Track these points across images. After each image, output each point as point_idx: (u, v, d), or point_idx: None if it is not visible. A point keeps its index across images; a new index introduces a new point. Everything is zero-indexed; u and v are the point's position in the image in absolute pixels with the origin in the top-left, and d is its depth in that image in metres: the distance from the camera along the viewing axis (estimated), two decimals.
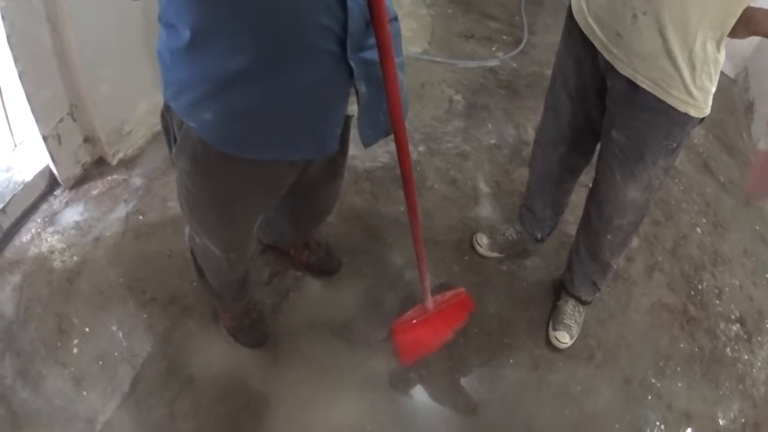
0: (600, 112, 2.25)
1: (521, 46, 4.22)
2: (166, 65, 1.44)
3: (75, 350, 2.37)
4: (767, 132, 2.26)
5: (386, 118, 1.63)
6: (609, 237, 2.49)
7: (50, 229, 2.69)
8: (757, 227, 3.59)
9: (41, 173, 2.76)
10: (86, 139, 2.81)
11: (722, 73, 4.33)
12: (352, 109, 1.56)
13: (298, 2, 1.26)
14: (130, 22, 2.48)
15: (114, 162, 2.95)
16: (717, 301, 3.13)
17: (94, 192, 2.84)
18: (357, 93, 1.50)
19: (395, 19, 1.54)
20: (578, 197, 2.63)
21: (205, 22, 1.28)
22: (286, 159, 1.61)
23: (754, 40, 2.27)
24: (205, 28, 1.29)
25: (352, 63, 1.41)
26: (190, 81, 1.40)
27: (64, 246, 2.65)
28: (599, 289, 2.75)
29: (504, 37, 4.28)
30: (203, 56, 1.33)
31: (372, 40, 1.43)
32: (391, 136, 1.68)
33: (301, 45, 1.32)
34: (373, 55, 1.45)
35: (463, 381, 2.59)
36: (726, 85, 4.43)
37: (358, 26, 1.37)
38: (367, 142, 1.64)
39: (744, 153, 4.00)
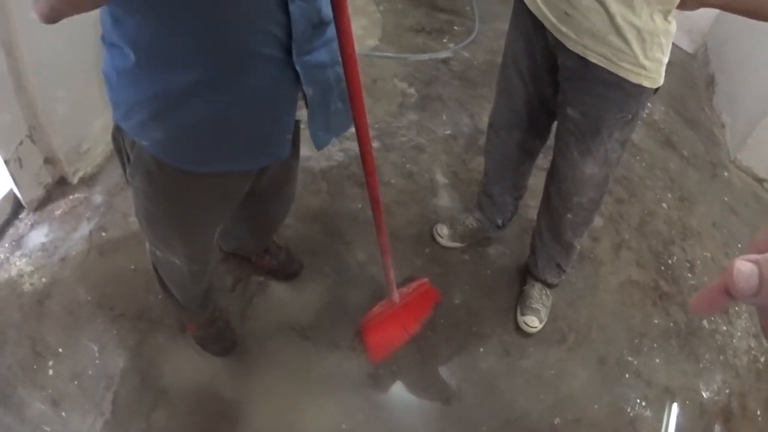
0: (553, 90, 2.25)
1: (473, 36, 4.22)
2: (113, 86, 1.44)
3: (51, 371, 2.36)
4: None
5: (337, 119, 1.64)
6: (570, 216, 2.48)
7: (18, 253, 2.68)
8: (726, 198, 3.59)
9: (5, 198, 2.75)
10: (46, 160, 2.80)
11: (681, 49, 4.41)
12: (301, 113, 1.55)
13: (239, 12, 1.25)
14: (82, 42, 2.47)
15: (75, 181, 2.94)
16: (689, 275, 3.12)
17: (58, 212, 2.84)
18: (305, 97, 1.49)
19: None
20: (538, 181, 2.62)
21: (149, 41, 1.28)
22: (239, 169, 1.62)
23: (711, 13, 2.26)
24: (149, 47, 1.29)
25: (297, 67, 1.40)
26: (139, 100, 1.39)
27: (32, 269, 2.63)
28: (564, 271, 2.74)
29: (455, 28, 4.28)
30: (149, 75, 1.34)
31: (317, 43, 1.44)
32: (344, 135, 1.68)
33: (245, 54, 1.32)
34: (319, 57, 1.46)
35: (435, 373, 2.57)
36: (685, 60, 4.44)
37: (302, 30, 1.36)
38: (319, 144, 1.64)
39: (707, 126, 4.00)
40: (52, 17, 1.14)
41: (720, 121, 4.03)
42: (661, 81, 1.99)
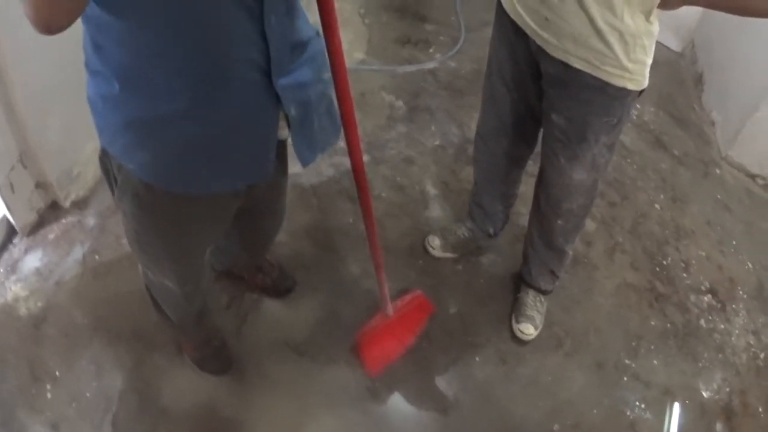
0: (538, 97, 2.25)
1: (458, 45, 4.21)
2: (98, 111, 1.45)
3: (49, 395, 2.38)
4: None
5: (322, 136, 1.65)
6: (560, 222, 2.48)
7: (13, 278, 2.69)
8: (719, 196, 3.58)
9: None
10: (38, 185, 2.81)
11: (668, 48, 4.41)
12: (283, 133, 1.57)
13: (217, 39, 1.27)
14: (71, 66, 2.39)
15: (67, 205, 2.95)
16: (684, 275, 3.11)
17: (51, 236, 2.85)
18: (287, 117, 1.51)
19: (317, 35, 1.54)
20: (529, 189, 2.61)
21: (130, 69, 1.30)
22: (225, 190, 1.63)
23: (698, 10, 2.26)
24: (130, 75, 1.30)
25: (278, 89, 1.41)
26: (123, 125, 1.41)
27: (27, 293, 2.65)
28: (558, 277, 2.73)
29: (441, 38, 4.27)
30: (133, 101, 1.35)
31: (299, 62, 1.46)
32: (334, 150, 1.68)
33: (226, 79, 1.34)
34: (300, 77, 1.47)
35: (432, 384, 2.57)
36: (673, 59, 4.43)
37: (280, 52, 1.38)
38: (304, 162, 1.65)
39: (697, 125, 3.99)
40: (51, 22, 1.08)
41: (710, 119, 4.02)
42: (645, 83, 1.98)
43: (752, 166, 3.72)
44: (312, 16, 1.44)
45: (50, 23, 1.05)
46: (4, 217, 2.76)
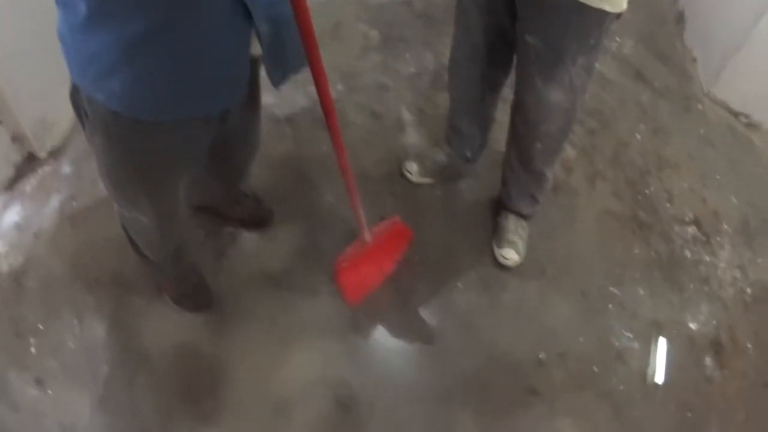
0: (511, 20, 2.20)
1: None
2: (67, 43, 1.43)
3: (33, 350, 2.39)
4: None
5: (294, 55, 1.60)
6: (539, 145, 2.45)
7: None
8: (701, 131, 3.54)
9: None
10: (14, 138, 2.80)
11: None
12: (256, 50, 1.53)
13: None
14: (41, 14, 2.37)
15: (43, 155, 2.93)
16: (668, 205, 3.09)
17: (28, 189, 2.83)
18: (258, 34, 1.48)
19: None
20: (506, 115, 2.58)
21: None
22: (200, 114, 1.59)
23: None
24: None
25: (248, 5, 1.37)
26: (93, 54, 1.38)
27: (8, 249, 2.64)
28: (538, 202, 2.71)
29: None
30: (102, 26, 1.31)
31: None
32: (303, 76, 1.67)
33: None
34: None
35: (415, 313, 2.56)
36: None
37: None
38: (275, 82, 1.64)
39: (678, 61, 3.96)
40: None
41: (691, 56, 3.99)
42: (624, 5, 1.93)
43: (735, 104, 3.69)
44: None
45: None
46: None
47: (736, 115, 3.68)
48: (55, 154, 2.96)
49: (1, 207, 2.77)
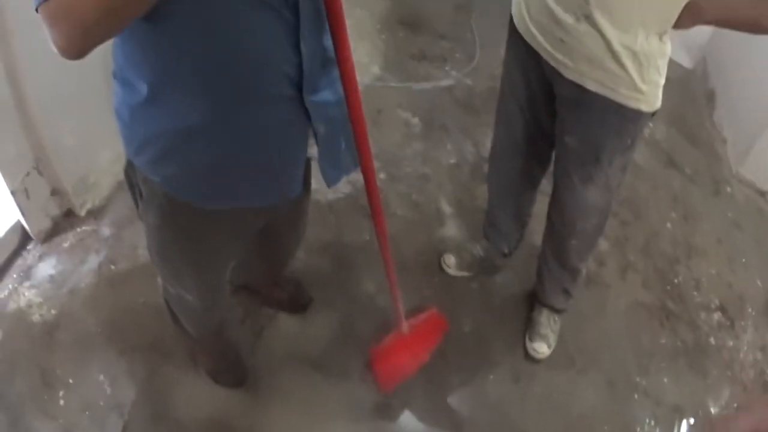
0: (551, 118, 2.25)
1: (474, 62, 4.23)
2: (125, 122, 1.44)
3: (62, 401, 2.38)
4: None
5: (348, 156, 1.65)
6: (574, 242, 2.49)
7: (26, 284, 2.70)
8: (729, 214, 3.61)
9: (13, 229, 2.77)
10: (53, 192, 2.82)
11: (680, 65, 4.43)
12: (312, 151, 1.56)
13: (256, 51, 1.27)
14: (89, 71, 2.35)
15: (82, 213, 2.95)
16: (695, 293, 3.14)
17: (66, 244, 2.85)
18: (315, 135, 1.51)
19: None
20: (543, 207, 2.64)
21: (164, 77, 1.29)
22: (251, 207, 1.62)
23: (709, 28, 2.28)
24: (163, 83, 1.30)
25: (308, 106, 1.42)
26: (152, 136, 1.40)
27: (41, 300, 2.65)
28: (571, 296, 2.74)
29: (457, 54, 4.29)
30: (162, 111, 1.34)
31: (326, 80, 1.46)
32: None
33: (259, 92, 1.34)
34: (328, 96, 1.47)
35: (445, 402, 2.59)
36: (684, 76, 4.43)
37: (313, 69, 1.38)
38: (330, 182, 1.65)
39: (708, 142, 4.01)
40: (82, 45, 1.07)
41: (721, 136, 4.04)
42: (658, 104, 1.99)
43: (763, 183, 3.74)
44: None
45: (82, 50, 1.06)
46: (18, 222, 2.77)
47: (763, 194, 3.73)
48: (95, 214, 2.97)
49: (36, 258, 2.78)
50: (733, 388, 2.78)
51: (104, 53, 1.30)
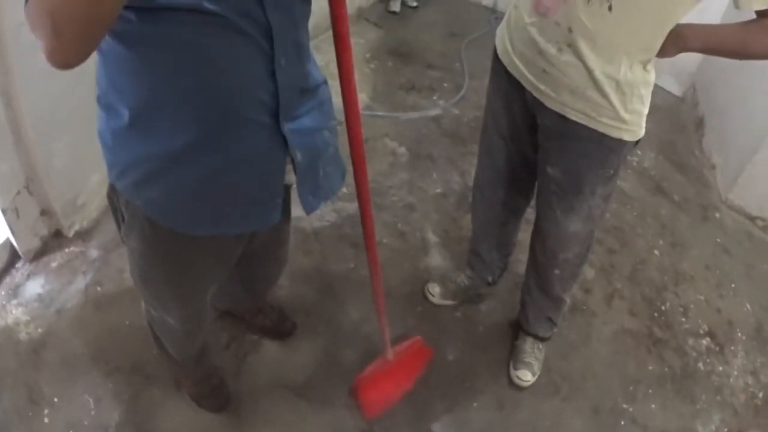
0: (534, 149, 2.27)
1: (461, 93, 4.27)
2: (108, 146, 1.46)
3: (46, 419, 2.37)
4: None
5: (327, 184, 1.67)
6: (557, 272, 2.50)
7: (14, 302, 2.71)
8: (718, 239, 3.63)
9: (2, 246, 2.79)
10: (43, 212, 2.84)
11: (669, 93, 4.45)
12: (290, 178, 1.57)
13: (230, 78, 1.28)
14: (81, 94, 2.49)
15: (70, 234, 2.98)
16: (683, 319, 3.15)
17: (54, 264, 2.87)
18: (293, 162, 1.52)
19: (324, 82, 1.58)
20: (528, 235, 2.63)
21: (144, 102, 1.31)
22: (230, 232, 1.63)
23: (697, 56, 2.29)
24: (143, 108, 1.31)
25: (285, 133, 1.43)
26: (134, 161, 1.42)
27: (28, 318, 2.66)
28: (555, 324, 2.75)
29: (445, 84, 4.33)
30: (144, 136, 1.36)
31: (305, 109, 1.48)
32: (336, 195, 1.75)
33: (235, 119, 1.35)
34: (307, 122, 1.49)
35: (430, 429, 2.57)
36: (674, 104, 4.47)
37: (289, 96, 1.40)
38: (308, 209, 1.65)
39: (697, 169, 4.04)
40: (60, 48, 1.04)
41: (710, 163, 4.07)
42: (641, 133, 2.00)
43: (752, 209, 3.76)
44: (321, 58, 1.45)
45: (65, 54, 1.04)
46: (8, 240, 2.79)
47: (753, 219, 3.75)
48: (83, 236, 3.00)
49: (24, 276, 2.80)
50: (723, 413, 2.77)
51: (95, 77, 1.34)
